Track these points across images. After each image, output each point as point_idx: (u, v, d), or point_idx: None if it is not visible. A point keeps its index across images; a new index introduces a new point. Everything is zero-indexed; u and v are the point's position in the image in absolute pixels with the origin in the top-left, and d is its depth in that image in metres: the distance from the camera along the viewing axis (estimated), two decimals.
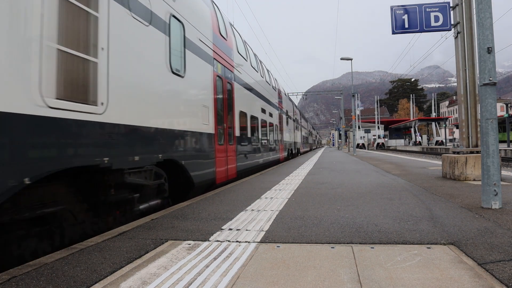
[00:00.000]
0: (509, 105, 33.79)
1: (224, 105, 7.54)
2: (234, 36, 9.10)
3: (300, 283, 1.99)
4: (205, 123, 6.25)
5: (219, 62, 7.22)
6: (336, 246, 2.66)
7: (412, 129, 54.05)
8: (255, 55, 11.86)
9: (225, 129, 7.46)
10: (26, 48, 2.62)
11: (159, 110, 4.63)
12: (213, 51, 6.90)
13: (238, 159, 8.42)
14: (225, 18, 8.46)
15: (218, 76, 7.13)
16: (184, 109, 5.45)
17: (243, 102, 9.17)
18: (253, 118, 10.52)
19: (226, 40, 8.07)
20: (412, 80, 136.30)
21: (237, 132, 8.46)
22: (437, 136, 49.60)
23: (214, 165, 6.65)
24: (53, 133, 2.84)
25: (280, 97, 16.81)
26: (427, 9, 7.24)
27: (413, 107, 75.11)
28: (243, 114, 9.12)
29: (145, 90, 4.28)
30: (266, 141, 12.60)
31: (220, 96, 7.28)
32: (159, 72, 4.64)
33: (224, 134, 7.37)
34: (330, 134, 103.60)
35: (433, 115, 70.65)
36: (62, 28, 2.97)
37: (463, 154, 6.78)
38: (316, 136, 66.70)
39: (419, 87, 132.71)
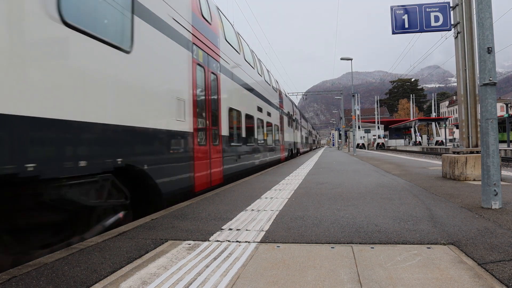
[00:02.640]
0: (509, 105, 33.79)
1: None
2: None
3: (300, 283, 1.99)
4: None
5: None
6: (336, 246, 2.66)
7: (412, 129, 54.06)
8: None
9: None
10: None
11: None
12: None
13: None
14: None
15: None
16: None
17: None
18: None
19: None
20: (412, 80, 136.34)
21: None
22: (437, 136, 49.60)
23: None
24: None
25: None
26: (427, 9, 7.24)
27: (413, 107, 75.07)
28: None
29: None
30: None
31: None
32: None
33: None
34: (330, 134, 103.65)
35: (433, 115, 70.64)
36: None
37: (463, 154, 6.78)
38: (310, 131, 41.75)
39: (419, 87, 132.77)
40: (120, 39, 3.84)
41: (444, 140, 45.07)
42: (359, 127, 41.87)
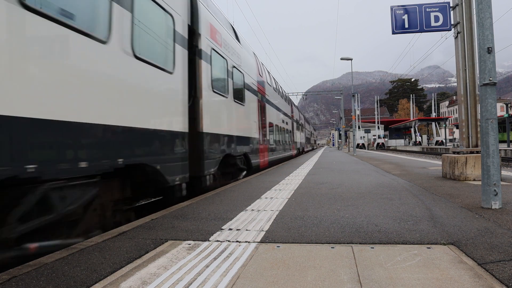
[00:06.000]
0: (509, 105, 33.81)
1: None
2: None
3: (300, 283, 1.99)
4: None
5: None
6: (336, 246, 2.66)
7: (412, 129, 54.05)
8: None
9: None
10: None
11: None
12: None
13: None
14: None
15: None
16: None
17: None
18: None
19: None
20: (412, 80, 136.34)
21: None
22: (437, 136, 49.61)
23: None
24: None
25: None
26: (427, 9, 7.24)
27: (413, 107, 75.05)
28: None
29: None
30: None
31: None
32: None
33: None
34: (330, 134, 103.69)
35: (433, 115, 70.60)
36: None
37: (463, 154, 6.78)
38: (300, 121, 29.12)
39: (419, 87, 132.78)
40: None
41: (444, 140, 45.08)
42: (359, 127, 41.89)
